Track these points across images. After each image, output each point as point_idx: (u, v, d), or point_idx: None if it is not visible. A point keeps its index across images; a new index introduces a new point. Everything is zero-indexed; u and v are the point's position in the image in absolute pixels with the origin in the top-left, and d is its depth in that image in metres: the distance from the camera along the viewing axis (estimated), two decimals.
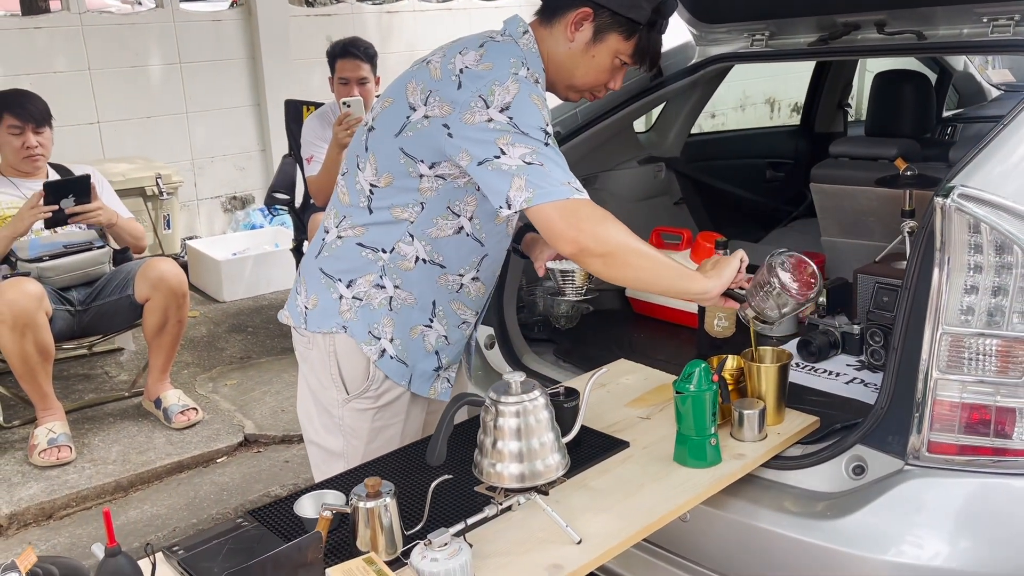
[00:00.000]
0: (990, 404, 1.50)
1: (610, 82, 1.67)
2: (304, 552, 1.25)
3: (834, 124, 4.02)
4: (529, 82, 1.54)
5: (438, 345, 1.77)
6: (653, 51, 1.64)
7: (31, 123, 3.14)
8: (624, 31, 1.59)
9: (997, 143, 1.56)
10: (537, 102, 1.53)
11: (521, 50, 1.61)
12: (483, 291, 1.79)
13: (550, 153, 1.49)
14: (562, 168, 1.51)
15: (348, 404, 1.74)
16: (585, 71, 1.64)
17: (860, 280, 2.35)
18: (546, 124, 1.53)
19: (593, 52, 1.62)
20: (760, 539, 1.66)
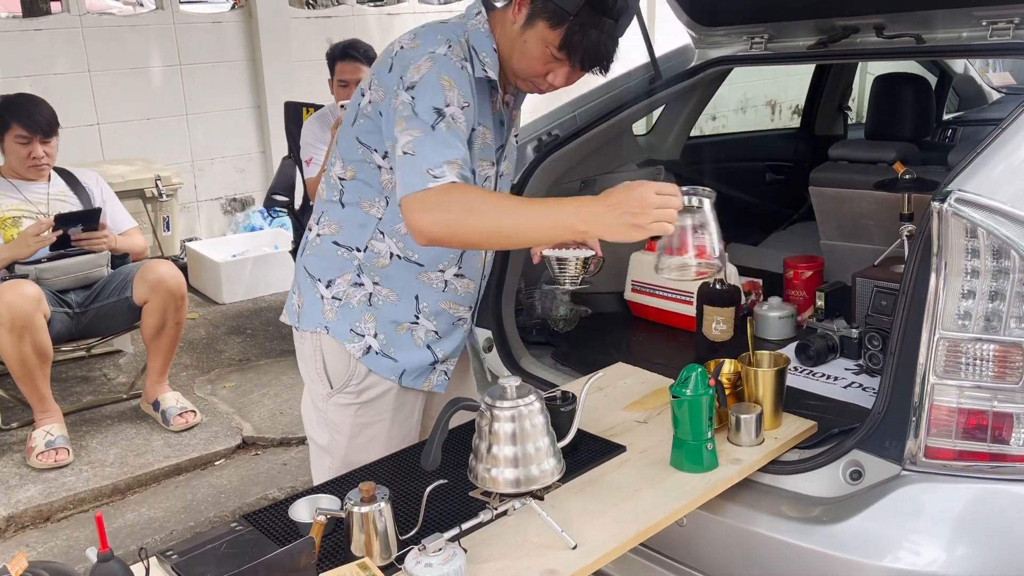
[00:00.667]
0: (987, 409, 1.49)
1: (548, 75, 1.56)
2: (297, 557, 1.24)
3: (834, 127, 4.02)
4: (447, 60, 1.50)
5: (428, 339, 1.76)
6: (590, 50, 1.50)
7: (39, 134, 3.15)
8: (551, 19, 1.49)
9: (995, 147, 1.56)
10: (445, 82, 1.49)
11: (465, 29, 1.58)
12: (471, 287, 1.77)
13: (431, 138, 1.44)
14: (432, 154, 1.43)
15: (331, 399, 1.76)
16: (519, 57, 1.56)
17: (859, 284, 2.34)
18: (445, 104, 1.47)
19: (525, 37, 1.53)
20: (757, 544, 1.65)
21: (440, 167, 1.43)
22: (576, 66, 1.53)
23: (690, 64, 2.83)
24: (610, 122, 2.63)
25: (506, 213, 1.45)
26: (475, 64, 1.56)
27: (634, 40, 3.05)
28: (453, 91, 1.50)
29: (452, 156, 1.44)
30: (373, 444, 1.78)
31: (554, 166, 2.53)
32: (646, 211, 1.37)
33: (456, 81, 1.50)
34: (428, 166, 1.43)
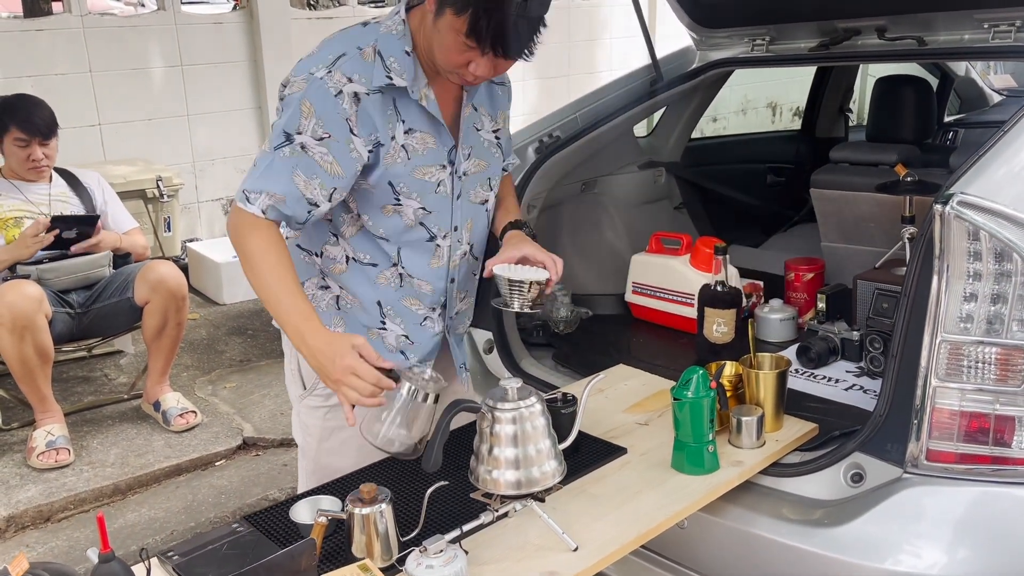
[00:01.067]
0: (989, 412, 1.49)
1: (469, 65, 1.47)
2: (298, 559, 1.24)
3: (835, 129, 4.02)
4: (320, 85, 1.47)
5: (401, 345, 1.73)
6: (500, 34, 1.41)
7: (38, 136, 3.15)
8: (455, 5, 1.41)
9: (997, 150, 1.55)
10: (305, 108, 1.47)
11: (377, 35, 1.53)
12: (430, 288, 1.71)
13: (267, 160, 1.49)
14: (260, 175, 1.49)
15: (304, 400, 1.77)
16: (438, 50, 1.49)
17: (860, 286, 2.34)
18: (297, 131, 1.47)
19: (438, 27, 1.46)
20: (757, 546, 1.65)
21: (256, 194, 1.49)
22: (488, 52, 1.43)
23: (691, 66, 2.83)
24: (611, 124, 2.63)
25: (263, 286, 1.52)
26: (376, 74, 1.50)
27: (636, 42, 3.05)
28: (311, 119, 1.47)
29: (272, 188, 1.48)
30: (345, 448, 1.75)
31: (555, 167, 2.53)
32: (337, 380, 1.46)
33: (318, 109, 1.47)
34: (248, 187, 1.50)
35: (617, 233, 2.96)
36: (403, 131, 1.56)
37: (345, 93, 1.48)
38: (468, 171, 1.68)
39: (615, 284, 2.83)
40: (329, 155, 1.50)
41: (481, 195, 1.73)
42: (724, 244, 2.32)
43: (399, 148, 1.56)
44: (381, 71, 1.51)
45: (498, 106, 1.74)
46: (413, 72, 1.53)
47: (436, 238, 1.67)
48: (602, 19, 7.34)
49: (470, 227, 1.72)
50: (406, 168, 1.58)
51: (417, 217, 1.63)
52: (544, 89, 7.02)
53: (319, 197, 1.52)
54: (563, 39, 7.11)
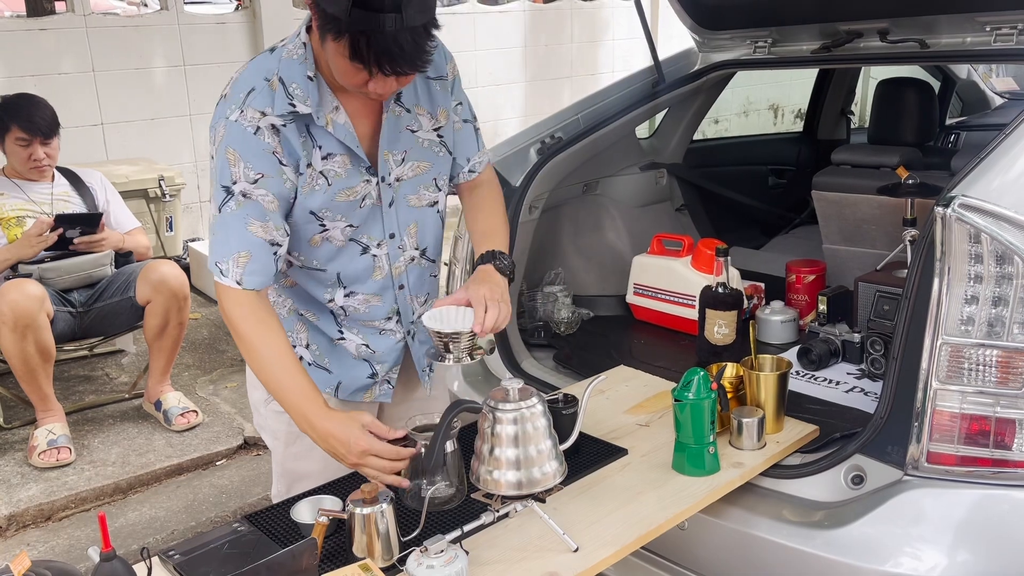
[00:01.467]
0: (990, 415, 1.49)
1: (369, 84, 1.39)
2: (299, 558, 1.24)
3: (837, 131, 4.02)
4: (236, 128, 1.45)
5: (363, 354, 1.71)
6: (383, 53, 1.33)
7: (39, 136, 3.16)
8: (332, 30, 1.34)
9: (998, 153, 1.56)
10: (231, 155, 1.44)
11: (274, 65, 1.48)
12: (377, 300, 1.67)
13: (220, 222, 1.48)
14: (220, 241, 1.48)
15: (268, 405, 1.75)
16: (335, 72, 1.43)
17: (861, 288, 2.34)
18: (232, 181, 1.45)
19: (327, 50, 1.40)
20: (758, 548, 1.65)
21: (225, 262, 1.49)
22: (378, 73, 1.36)
23: (693, 68, 2.83)
24: (613, 125, 2.64)
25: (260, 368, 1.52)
26: (278, 103, 1.46)
27: (638, 43, 3.04)
28: (239, 165, 1.45)
29: (234, 249, 1.48)
30: (312, 453, 1.70)
31: (557, 168, 2.53)
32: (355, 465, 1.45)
33: (242, 152, 1.45)
34: (216, 257, 1.50)
35: (618, 234, 2.96)
36: (320, 156, 1.52)
37: (263, 128, 1.45)
38: (404, 176, 1.62)
39: (616, 285, 2.84)
40: (268, 194, 1.47)
41: (427, 197, 1.67)
42: (725, 246, 2.32)
43: (317, 175, 1.52)
44: (284, 99, 1.46)
45: (438, 103, 1.64)
46: (317, 97, 1.48)
47: (370, 248, 1.63)
48: (604, 20, 7.35)
49: (414, 231, 1.67)
50: (327, 195, 1.54)
51: (346, 235, 1.59)
52: (546, 90, 7.03)
53: (277, 237, 1.50)
54: (565, 40, 7.12)
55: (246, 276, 1.49)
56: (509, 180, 2.44)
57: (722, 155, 3.79)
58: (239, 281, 1.49)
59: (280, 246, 1.52)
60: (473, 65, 6.28)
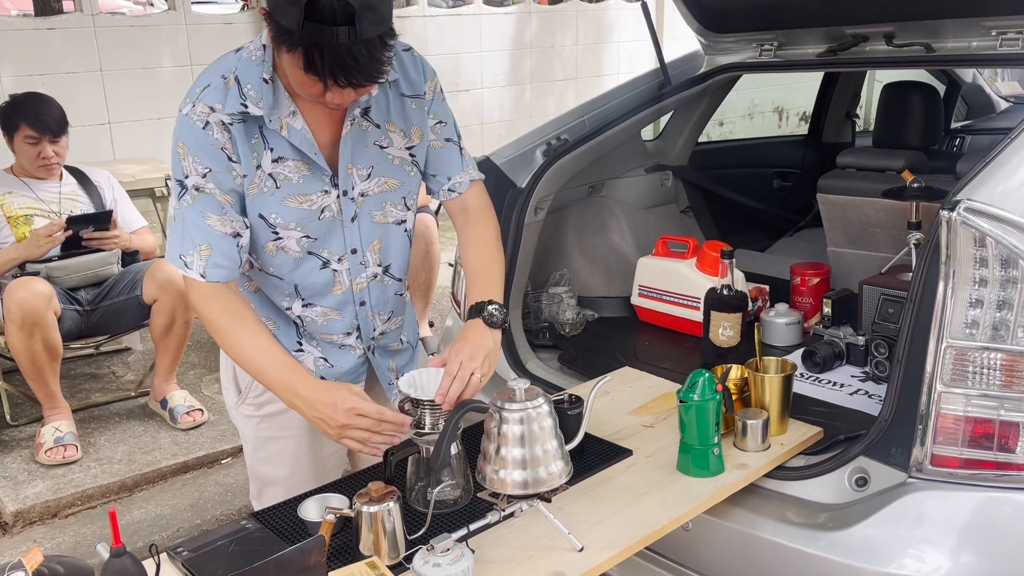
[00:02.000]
0: (994, 418, 1.50)
1: (326, 94, 1.37)
2: (307, 555, 1.25)
3: (842, 134, 4.02)
4: (186, 121, 1.45)
5: (321, 369, 1.68)
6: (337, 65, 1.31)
7: (48, 134, 3.18)
8: (285, 42, 1.32)
9: (1004, 157, 1.56)
10: (180, 150, 1.45)
11: (233, 63, 1.47)
12: (335, 314, 1.65)
13: (180, 215, 1.49)
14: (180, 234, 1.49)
15: (239, 408, 1.76)
16: (292, 80, 1.41)
17: (866, 291, 2.35)
18: (184, 175, 1.46)
19: (281, 60, 1.39)
20: (762, 549, 1.66)
21: (189, 255, 1.50)
22: (333, 85, 1.35)
23: (699, 70, 2.84)
24: (619, 127, 2.64)
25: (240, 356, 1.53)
26: (230, 101, 1.44)
27: (643, 45, 3.04)
28: (187, 159, 1.46)
29: (195, 241, 1.49)
30: (279, 458, 1.75)
31: (562, 170, 2.54)
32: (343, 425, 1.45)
33: (191, 147, 1.45)
34: (179, 250, 1.51)
35: (624, 236, 2.97)
36: (271, 159, 1.50)
37: (212, 123, 1.45)
38: (369, 191, 1.59)
39: (621, 287, 2.85)
40: (218, 189, 1.47)
41: (394, 215, 1.64)
42: (730, 248, 2.33)
43: (265, 176, 1.50)
44: (236, 98, 1.45)
45: (412, 121, 1.61)
46: (272, 100, 1.46)
47: (330, 263, 1.60)
48: (609, 22, 7.36)
49: (377, 248, 1.64)
50: (275, 197, 1.51)
51: (303, 247, 1.57)
52: (552, 92, 7.04)
53: (238, 227, 1.50)
54: (571, 42, 7.13)
55: (209, 268, 1.50)
56: (515, 181, 2.45)
57: (727, 157, 3.79)
58: (203, 274, 1.50)
59: (241, 236, 1.51)
60: (478, 66, 6.29)
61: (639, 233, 2.96)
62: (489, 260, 1.70)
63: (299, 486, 1.67)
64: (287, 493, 1.64)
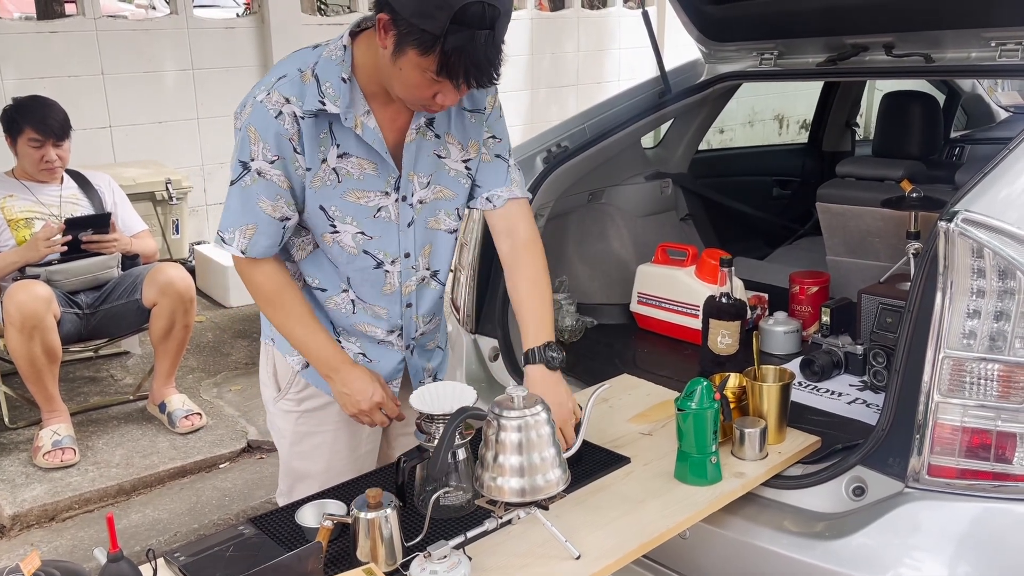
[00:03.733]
0: (991, 429, 1.50)
1: (437, 96, 1.44)
2: (304, 562, 1.25)
3: (841, 143, 4.03)
4: (261, 108, 1.48)
5: (359, 359, 1.72)
6: (472, 67, 1.37)
7: (51, 137, 3.18)
8: (419, 44, 1.36)
9: (1002, 168, 1.57)
10: (251, 133, 1.49)
11: (314, 58, 1.51)
12: (383, 312, 1.70)
13: (232, 194, 1.56)
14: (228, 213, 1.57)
15: (277, 403, 1.79)
16: (399, 84, 1.45)
17: (864, 300, 2.35)
18: (251, 158, 1.50)
19: (399, 65, 1.41)
20: (759, 558, 1.66)
21: (230, 232, 1.57)
22: (461, 86, 1.41)
23: (699, 78, 2.85)
24: (619, 135, 2.65)
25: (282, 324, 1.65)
26: (308, 97, 1.48)
27: (644, 52, 3.04)
28: (258, 144, 1.50)
29: (244, 221, 1.55)
30: (316, 453, 1.78)
31: (563, 177, 2.54)
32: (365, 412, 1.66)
33: (262, 133, 1.49)
34: (223, 227, 1.58)
35: (623, 243, 2.98)
36: (336, 155, 1.54)
37: (285, 113, 1.49)
38: (425, 199, 1.64)
39: (620, 294, 2.85)
40: (282, 176, 1.52)
41: (445, 223, 1.70)
42: (730, 256, 2.33)
43: (329, 171, 1.55)
44: (315, 95, 1.49)
45: (470, 135, 1.66)
46: (348, 99, 1.51)
47: (383, 264, 1.64)
48: (610, 29, 7.37)
49: (427, 253, 1.69)
50: (336, 191, 1.56)
51: (359, 244, 1.61)
52: (552, 99, 7.05)
53: (287, 212, 1.56)
54: (572, 49, 7.14)
55: (250, 246, 1.57)
56: None
57: (727, 165, 3.80)
58: (243, 250, 1.57)
59: (289, 219, 1.57)
60: None
61: (639, 240, 2.97)
62: (544, 300, 1.73)
63: (333, 480, 1.70)
64: (322, 487, 1.67)
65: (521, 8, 6.73)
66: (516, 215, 1.74)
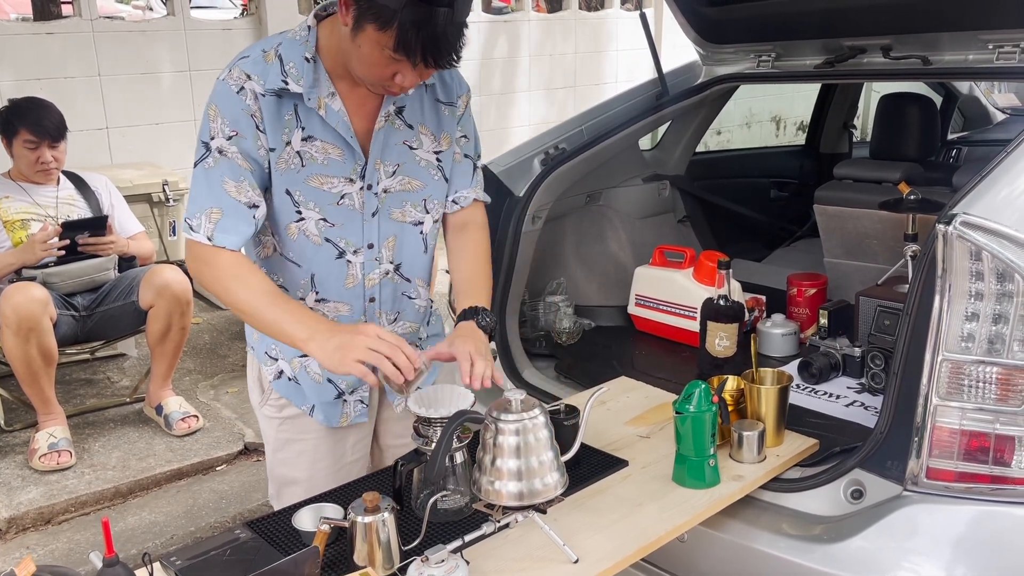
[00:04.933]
0: (989, 432, 1.50)
1: (396, 76, 1.43)
2: (301, 566, 1.25)
3: (839, 145, 4.04)
4: (222, 86, 1.48)
5: (327, 372, 1.68)
6: (430, 45, 1.36)
7: (47, 139, 3.18)
8: (378, 20, 1.35)
9: (1000, 170, 1.57)
10: (211, 111, 1.47)
11: (277, 40, 1.51)
12: (345, 310, 1.66)
13: (195, 178, 1.50)
14: (193, 198, 1.50)
15: (262, 408, 1.77)
16: (358, 63, 1.44)
17: (862, 303, 2.35)
18: (211, 137, 1.47)
19: (358, 42, 1.40)
20: (757, 561, 1.66)
21: (196, 218, 1.50)
22: (419, 64, 1.39)
23: (697, 80, 2.85)
24: (617, 137, 2.65)
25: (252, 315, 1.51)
26: (271, 76, 1.47)
27: (641, 54, 3.04)
28: (217, 121, 1.47)
29: (209, 204, 1.49)
30: (299, 460, 1.76)
31: (560, 179, 2.54)
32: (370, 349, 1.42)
33: (222, 109, 1.47)
34: (189, 213, 1.51)
35: (621, 245, 2.98)
36: (301, 138, 1.52)
37: (247, 89, 1.47)
38: (391, 188, 1.62)
39: (618, 296, 2.85)
40: (240, 154, 1.48)
41: (412, 214, 1.66)
42: (727, 258, 2.33)
43: (293, 154, 1.52)
44: (277, 73, 1.48)
45: (444, 128, 1.66)
46: (312, 79, 1.50)
47: (346, 254, 1.61)
48: (608, 31, 7.38)
49: (391, 245, 1.65)
50: (300, 175, 1.54)
51: (321, 231, 1.58)
52: (550, 100, 7.05)
53: (254, 198, 1.51)
54: (569, 50, 7.15)
55: (217, 232, 1.49)
56: (513, 190, 2.46)
57: (725, 167, 3.80)
58: (210, 237, 1.49)
59: (257, 207, 1.52)
60: (477, 75, 6.30)
61: (636, 242, 2.97)
62: (481, 273, 1.73)
63: (317, 488, 1.68)
64: (306, 493, 1.65)
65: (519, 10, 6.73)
66: (472, 212, 1.76)
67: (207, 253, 1.50)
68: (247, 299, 1.50)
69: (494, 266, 1.81)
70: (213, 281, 1.52)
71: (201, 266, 1.52)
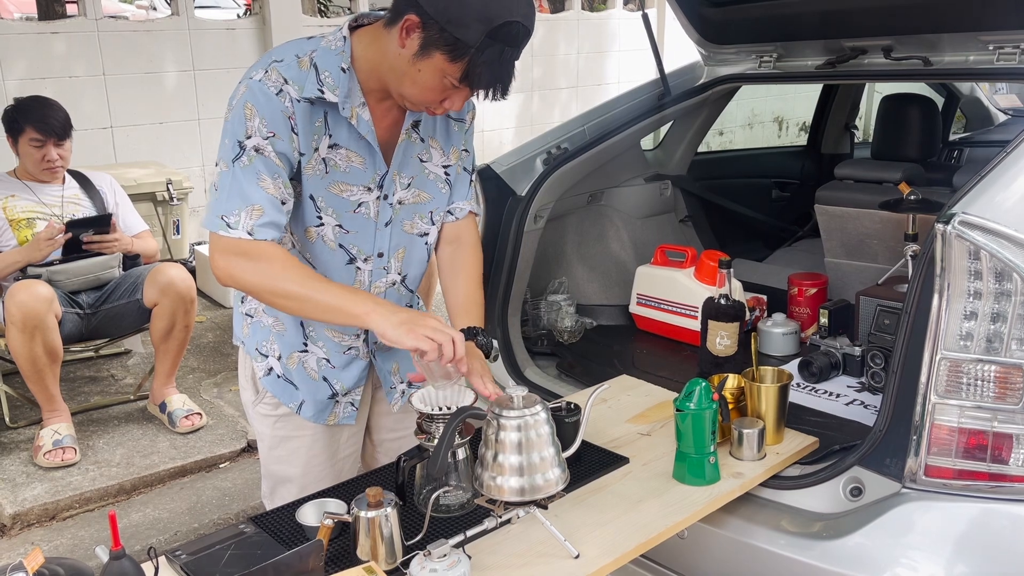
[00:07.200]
0: (987, 430, 1.51)
1: (444, 101, 1.49)
2: (305, 560, 1.26)
3: (840, 145, 4.04)
4: (259, 86, 1.47)
5: (323, 371, 1.71)
6: (492, 78, 1.43)
7: (53, 137, 3.19)
8: (450, 51, 1.40)
9: (999, 170, 1.57)
10: (248, 110, 1.46)
11: (310, 47, 1.51)
12: None
13: (230, 176, 1.48)
14: (228, 195, 1.47)
15: (256, 407, 1.78)
16: (412, 84, 1.47)
17: (862, 302, 2.36)
18: (246, 136, 1.46)
19: (419, 66, 1.43)
20: (757, 558, 1.67)
21: (235, 214, 1.47)
22: (478, 95, 1.47)
23: (699, 81, 2.86)
24: (619, 137, 2.66)
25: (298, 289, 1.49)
26: (308, 84, 1.49)
27: (644, 54, 3.05)
28: (255, 120, 1.47)
29: (249, 201, 1.47)
30: (293, 457, 1.77)
31: (562, 179, 2.56)
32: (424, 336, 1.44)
33: (260, 108, 1.47)
34: (223, 211, 1.48)
35: (622, 245, 2.99)
36: (327, 144, 1.54)
37: (285, 92, 1.48)
38: (405, 200, 1.65)
39: (620, 295, 2.86)
40: (276, 153, 1.49)
41: (419, 227, 1.70)
42: (728, 258, 2.34)
43: (319, 160, 1.54)
44: (314, 82, 1.49)
45: (452, 142, 1.70)
46: (347, 89, 1.51)
47: (356, 260, 1.64)
48: (611, 31, 7.39)
49: (401, 256, 1.69)
50: (322, 181, 1.56)
51: (336, 237, 1.61)
52: (552, 101, 7.06)
53: (285, 194, 1.51)
54: (573, 51, 7.16)
55: (258, 227, 1.48)
56: (515, 189, 2.47)
57: (726, 167, 3.81)
58: (250, 232, 1.47)
59: (287, 204, 1.53)
60: None
61: (638, 242, 2.98)
62: (475, 292, 1.76)
63: (312, 485, 1.70)
64: (300, 491, 1.67)
65: None
66: (465, 226, 1.78)
67: (249, 247, 1.48)
68: (300, 284, 1.49)
69: (497, 265, 1.84)
70: (257, 273, 1.49)
71: (240, 260, 1.49)
